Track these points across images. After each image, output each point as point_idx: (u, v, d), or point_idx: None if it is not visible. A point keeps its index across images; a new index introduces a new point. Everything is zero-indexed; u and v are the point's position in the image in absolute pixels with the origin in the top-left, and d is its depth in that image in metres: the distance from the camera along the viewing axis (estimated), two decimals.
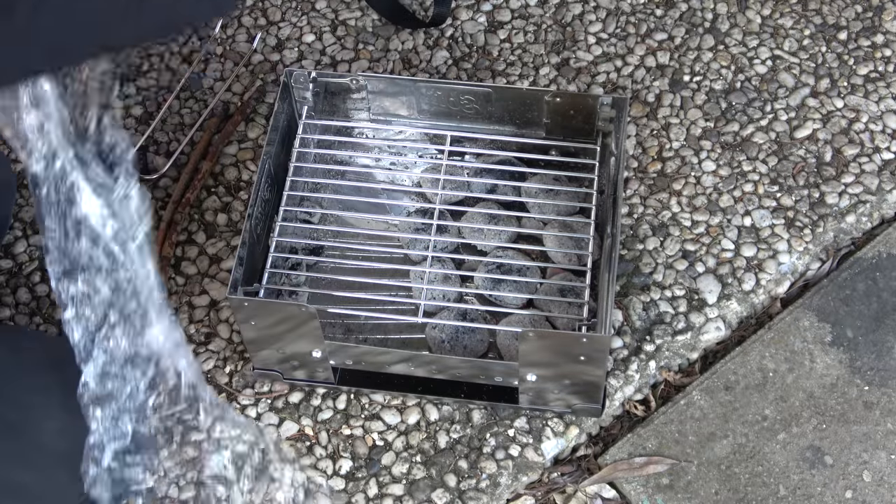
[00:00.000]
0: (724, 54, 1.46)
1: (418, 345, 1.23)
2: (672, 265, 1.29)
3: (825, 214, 1.33)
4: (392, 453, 1.19)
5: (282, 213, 1.23)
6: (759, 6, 1.50)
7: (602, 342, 1.09)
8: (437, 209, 1.25)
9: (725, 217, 1.33)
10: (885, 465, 1.17)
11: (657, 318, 1.26)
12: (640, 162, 1.37)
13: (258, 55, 1.49)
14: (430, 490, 1.17)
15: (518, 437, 1.19)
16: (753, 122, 1.40)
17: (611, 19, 1.50)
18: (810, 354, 1.24)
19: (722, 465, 1.18)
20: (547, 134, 1.29)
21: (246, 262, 1.16)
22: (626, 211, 1.33)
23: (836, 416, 1.20)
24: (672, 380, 1.25)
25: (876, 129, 1.39)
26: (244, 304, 1.11)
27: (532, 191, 1.30)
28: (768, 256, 1.30)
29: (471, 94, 1.27)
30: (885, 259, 1.31)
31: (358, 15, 1.52)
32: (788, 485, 1.17)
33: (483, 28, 1.50)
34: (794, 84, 1.43)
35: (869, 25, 1.48)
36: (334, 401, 1.22)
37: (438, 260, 1.26)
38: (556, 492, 1.18)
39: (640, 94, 1.43)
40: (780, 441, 1.19)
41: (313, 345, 1.14)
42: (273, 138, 1.23)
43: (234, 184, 1.38)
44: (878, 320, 1.26)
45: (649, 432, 1.20)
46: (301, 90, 1.27)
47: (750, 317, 1.29)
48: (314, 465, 1.19)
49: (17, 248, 1.34)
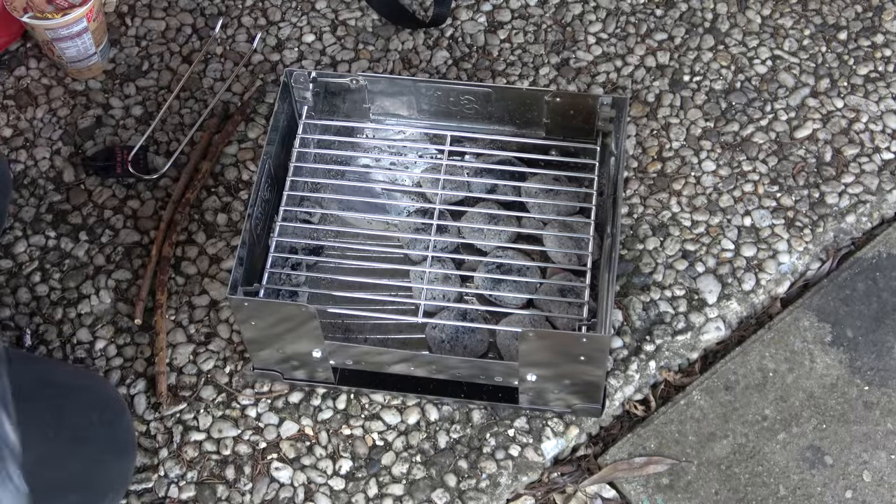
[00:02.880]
0: (724, 54, 1.46)
1: (418, 345, 1.23)
2: (672, 265, 1.29)
3: (825, 214, 1.33)
4: (392, 453, 1.19)
5: (282, 213, 1.23)
6: (759, 6, 1.50)
7: (602, 342, 1.09)
8: (437, 209, 1.25)
9: (725, 217, 1.33)
10: (885, 465, 1.17)
11: (657, 318, 1.26)
12: (640, 162, 1.37)
13: (258, 55, 1.49)
14: (430, 490, 1.17)
15: (518, 437, 1.19)
16: (753, 122, 1.40)
17: (611, 19, 1.50)
18: (810, 354, 1.24)
19: (722, 465, 1.18)
20: (547, 134, 1.29)
21: (246, 262, 1.16)
22: (626, 211, 1.33)
23: (836, 416, 1.20)
24: (672, 380, 1.25)
25: (876, 129, 1.39)
26: (244, 304, 1.11)
27: (532, 191, 1.30)
28: (768, 256, 1.30)
29: (471, 94, 1.27)
30: (885, 259, 1.31)
31: (358, 15, 1.52)
32: (788, 485, 1.17)
33: (483, 28, 1.50)
34: (794, 84, 1.43)
35: (869, 25, 1.48)
36: (334, 401, 1.22)
37: (438, 260, 1.26)
38: (556, 492, 1.18)
39: (640, 94, 1.43)
40: (780, 441, 1.19)
41: (313, 345, 1.14)
42: (273, 138, 1.23)
43: (234, 184, 1.38)
44: (878, 320, 1.26)
45: (649, 432, 1.20)
46: (301, 90, 1.27)
47: (750, 317, 1.29)
48: (314, 465, 1.19)
49: (17, 248, 1.34)
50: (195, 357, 1.26)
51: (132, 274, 1.32)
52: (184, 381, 1.24)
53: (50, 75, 1.49)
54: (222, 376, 1.24)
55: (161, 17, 1.54)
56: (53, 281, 1.32)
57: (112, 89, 1.47)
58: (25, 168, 1.41)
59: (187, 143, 1.41)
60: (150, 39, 1.52)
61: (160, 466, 1.19)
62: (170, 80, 1.48)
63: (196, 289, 1.30)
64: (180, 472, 1.19)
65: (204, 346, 1.26)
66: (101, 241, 1.34)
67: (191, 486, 1.18)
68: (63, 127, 1.44)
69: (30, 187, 1.39)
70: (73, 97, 1.47)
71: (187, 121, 1.43)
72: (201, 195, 1.37)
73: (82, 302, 1.30)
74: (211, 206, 1.36)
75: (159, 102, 1.45)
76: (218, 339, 1.27)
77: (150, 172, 1.38)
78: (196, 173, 1.38)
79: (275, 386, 1.23)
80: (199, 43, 1.51)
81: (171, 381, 1.24)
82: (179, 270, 1.32)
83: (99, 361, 1.26)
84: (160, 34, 1.52)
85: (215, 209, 1.36)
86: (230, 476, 1.19)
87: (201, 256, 1.33)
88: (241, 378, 1.24)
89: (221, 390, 1.23)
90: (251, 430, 1.21)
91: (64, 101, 1.47)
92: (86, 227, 1.36)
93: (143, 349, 1.27)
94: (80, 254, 1.34)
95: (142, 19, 1.53)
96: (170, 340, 1.27)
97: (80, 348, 1.27)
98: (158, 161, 1.40)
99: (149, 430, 1.22)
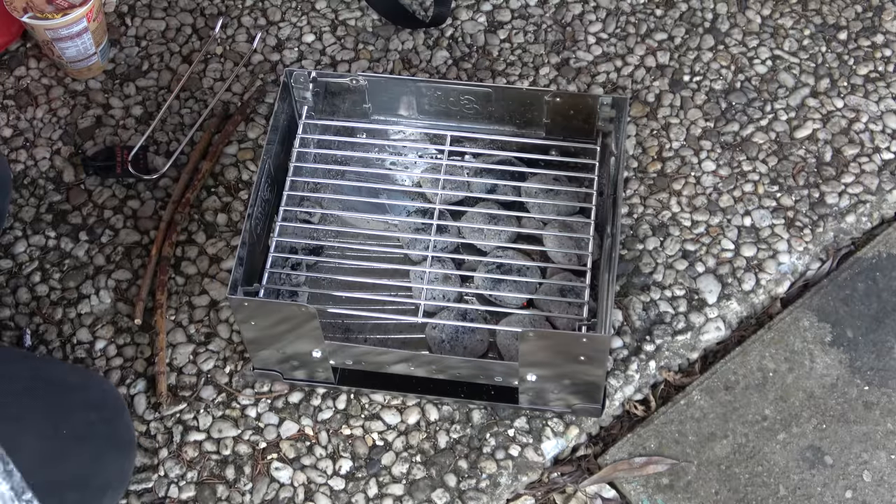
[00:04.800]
0: (724, 54, 1.46)
1: (418, 345, 1.23)
2: (672, 265, 1.29)
3: (825, 214, 1.33)
4: (392, 453, 1.19)
5: (282, 213, 1.23)
6: (759, 6, 1.50)
7: (602, 342, 1.09)
8: (437, 209, 1.25)
9: (725, 217, 1.33)
10: (885, 465, 1.17)
11: (657, 318, 1.26)
12: (640, 162, 1.37)
13: (258, 55, 1.49)
14: (430, 490, 1.17)
15: (518, 437, 1.19)
16: (753, 122, 1.40)
17: (611, 19, 1.50)
18: (810, 354, 1.24)
19: (722, 465, 1.18)
20: (547, 134, 1.29)
21: (246, 262, 1.16)
22: (626, 211, 1.33)
23: (836, 416, 1.20)
24: (672, 380, 1.25)
25: (876, 129, 1.39)
26: (244, 304, 1.11)
27: (532, 191, 1.29)
28: (768, 256, 1.30)
29: (471, 94, 1.27)
30: (885, 259, 1.31)
31: (358, 15, 1.52)
32: (788, 485, 1.16)
33: (483, 28, 1.50)
34: (794, 84, 1.43)
35: (869, 25, 1.48)
36: (334, 401, 1.22)
37: (438, 260, 1.26)
38: (556, 492, 1.18)
39: (640, 94, 1.43)
40: (780, 441, 1.19)
41: (313, 345, 1.14)
42: (273, 138, 1.23)
43: (234, 184, 1.38)
44: (878, 320, 1.26)
45: (649, 432, 1.20)
46: (301, 90, 1.27)
47: (750, 317, 1.29)
48: (314, 465, 1.19)
49: (18, 248, 1.34)
50: (195, 357, 1.26)
51: (132, 274, 1.32)
52: (184, 381, 1.24)
53: (50, 75, 1.49)
54: (222, 376, 1.24)
55: (161, 17, 1.54)
56: (53, 281, 1.32)
57: (112, 89, 1.47)
58: (25, 168, 1.41)
59: (187, 143, 1.41)
60: (150, 39, 1.51)
61: (160, 466, 1.19)
62: (170, 80, 1.48)
63: (196, 289, 1.30)
64: (180, 472, 1.19)
65: (204, 346, 1.26)
66: (101, 241, 1.34)
67: (191, 486, 1.18)
68: (63, 127, 1.44)
69: (30, 187, 1.39)
70: (73, 97, 1.47)
71: (187, 121, 1.43)
72: (201, 195, 1.37)
73: (82, 302, 1.30)
74: (211, 206, 1.36)
75: (159, 102, 1.45)
76: (218, 339, 1.27)
77: (150, 172, 1.38)
78: (196, 173, 1.38)
79: (275, 386, 1.23)
80: (199, 43, 1.51)
81: (171, 381, 1.24)
82: (179, 270, 1.32)
83: (99, 361, 1.26)
84: (160, 34, 1.52)
85: (215, 209, 1.36)
86: (230, 476, 1.19)
87: (201, 256, 1.33)
88: (241, 378, 1.24)
89: (221, 390, 1.23)
90: (251, 430, 1.21)
91: (64, 101, 1.47)
92: (86, 227, 1.36)
93: (143, 349, 1.27)
94: (80, 254, 1.34)
95: (142, 19, 1.53)
96: (170, 340, 1.27)
97: (80, 348, 1.27)
98: (158, 161, 1.40)
99: (149, 430, 1.22)
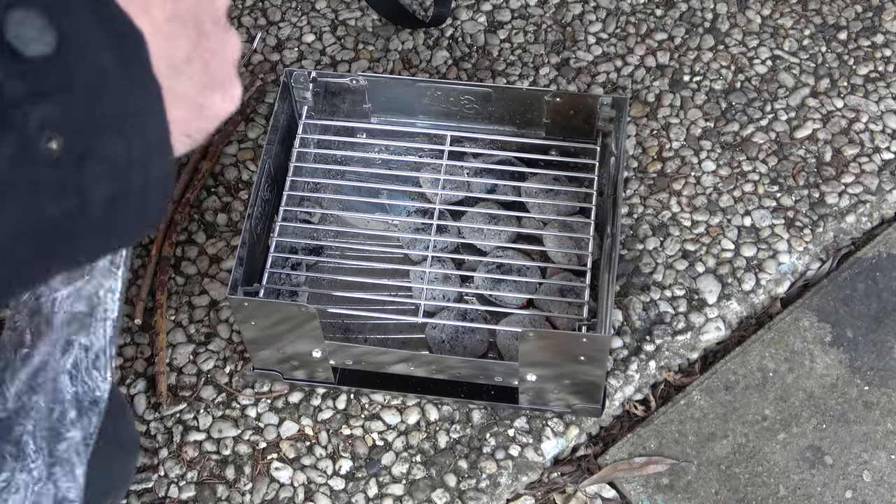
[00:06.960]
0: (724, 54, 1.46)
1: (418, 345, 1.23)
2: (672, 265, 1.29)
3: (825, 214, 1.33)
4: (392, 453, 1.19)
5: (282, 213, 1.23)
6: (759, 6, 1.50)
7: (602, 342, 1.09)
8: (437, 209, 1.25)
9: (725, 217, 1.33)
10: (885, 465, 1.17)
11: (657, 318, 1.26)
12: (640, 162, 1.37)
13: (258, 55, 1.49)
14: (430, 490, 1.17)
15: (518, 437, 1.19)
16: (753, 122, 1.40)
17: (611, 19, 1.50)
18: (810, 354, 1.24)
19: (722, 465, 1.18)
20: (547, 134, 1.29)
21: (246, 262, 1.16)
22: (626, 211, 1.33)
23: (836, 416, 1.20)
24: (672, 380, 1.25)
25: (876, 129, 1.39)
26: (244, 304, 1.11)
27: (532, 191, 1.29)
28: (768, 256, 1.30)
29: (471, 94, 1.27)
30: (885, 259, 1.31)
31: (358, 15, 1.52)
32: (788, 485, 1.16)
33: (483, 28, 1.50)
34: (794, 84, 1.43)
35: (869, 25, 1.48)
36: (334, 401, 1.22)
37: (438, 260, 1.26)
38: (556, 492, 1.18)
39: (640, 94, 1.43)
40: (780, 441, 1.19)
41: (313, 345, 1.14)
42: (273, 138, 1.23)
43: (234, 184, 1.38)
44: (878, 320, 1.26)
45: (649, 432, 1.20)
46: (301, 90, 1.27)
47: (750, 317, 1.29)
48: (314, 465, 1.19)
49: None
50: (195, 357, 1.26)
51: (132, 274, 1.32)
52: (184, 381, 1.24)
53: None
54: (222, 376, 1.24)
55: None
56: None
57: None
58: None
59: None
60: None
61: (160, 466, 1.19)
62: None
63: (196, 289, 1.30)
64: (180, 472, 1.19)
65: (204, 346, 1.26)
66: None
67: (191, 486, 1.18)
68: None
69: None
70: None
71: None
72: (201, 195, 1.37)
73: None
74: (211, 206, 1.36)
75: None
76: (218, 339, 1.27)
77: None
78: (196, 173, 1.38)
79: (275, 386, 1.23)
80: None
81: (171, 381, 1.24)
82: (179, 270, 1.32)
83: None
84: None
85: (215, 209, 1.36)
86: (230, 476, 1.19)
87: (201, 256, 1.33)
88: (241, 378, 1.24)
89: (221, 390, 1.23)
90: (251, 430, 1.21)
91: None
92: None
93: (143, 349, 1.27)
94: None
95: None
96: (170, 340, 1.27)
97: None
98: None
99: (149, 430, 1.22)
